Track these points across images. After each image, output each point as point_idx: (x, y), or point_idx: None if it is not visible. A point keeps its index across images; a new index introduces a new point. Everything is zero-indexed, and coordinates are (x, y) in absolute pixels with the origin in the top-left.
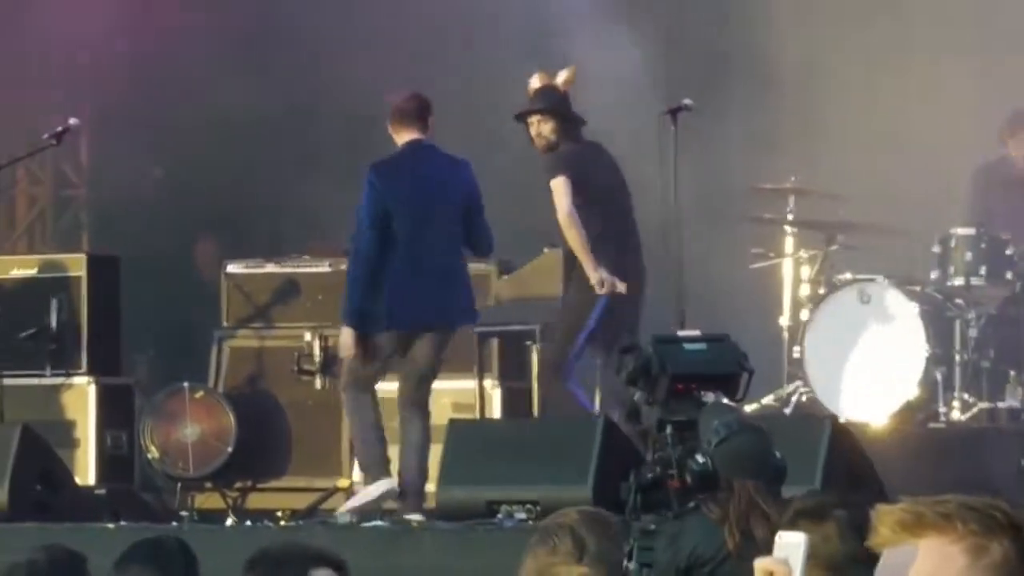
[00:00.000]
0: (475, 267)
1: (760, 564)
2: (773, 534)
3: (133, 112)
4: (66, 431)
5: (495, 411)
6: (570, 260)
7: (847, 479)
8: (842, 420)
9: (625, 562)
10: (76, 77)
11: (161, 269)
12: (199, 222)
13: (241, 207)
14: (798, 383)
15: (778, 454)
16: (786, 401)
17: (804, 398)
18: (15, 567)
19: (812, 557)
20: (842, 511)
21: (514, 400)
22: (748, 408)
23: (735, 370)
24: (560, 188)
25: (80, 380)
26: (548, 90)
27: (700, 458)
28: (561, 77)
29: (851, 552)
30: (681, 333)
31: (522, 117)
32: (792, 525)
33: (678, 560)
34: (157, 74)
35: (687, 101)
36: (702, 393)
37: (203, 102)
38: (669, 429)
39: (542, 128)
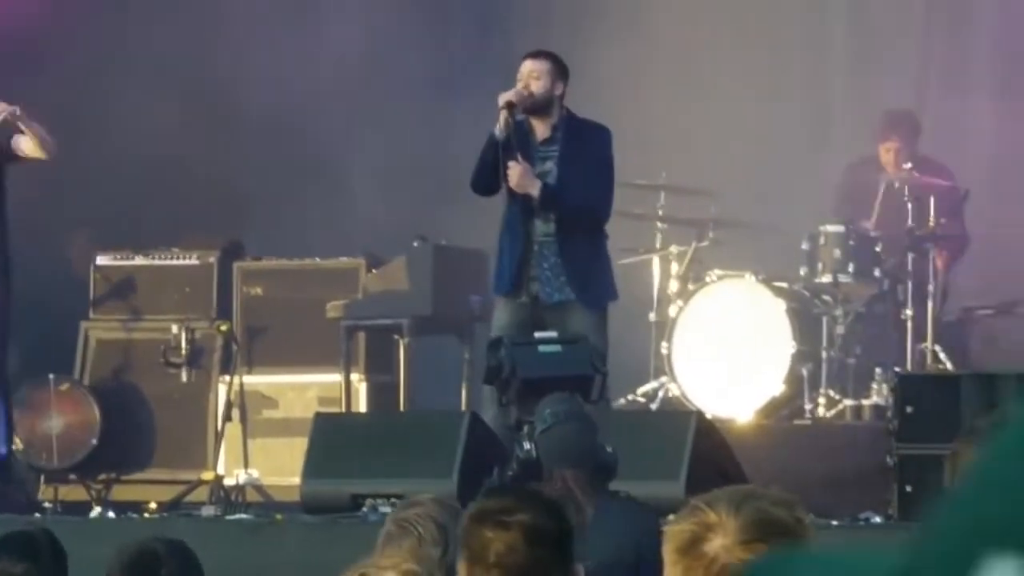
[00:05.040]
0: (344, 260)
1: None
2: (586, 526)
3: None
4: None
5: (361, 405)
6: None
7: (713, 475)
8: (708, 416)
9: None
10: None
11: (29, 259)
12: (67, 213)
13: (111, 199)
14: (665, 379)
15: (609, 448)
16: (653, 396)
17: (671, 394)
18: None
19: (497, 567)
20: (527, 515)
21: (380, 394)
22: (615, 404)
23: (588, 372)
24: None
25: None
26: None
27: (526, 445)
28: None
29: (540, 559)
30: (538, 335)
31: None
32: (475, 527)
33: None
34: (33, 59)
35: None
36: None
37: (77, 91)
38: (526, 428)
39: None
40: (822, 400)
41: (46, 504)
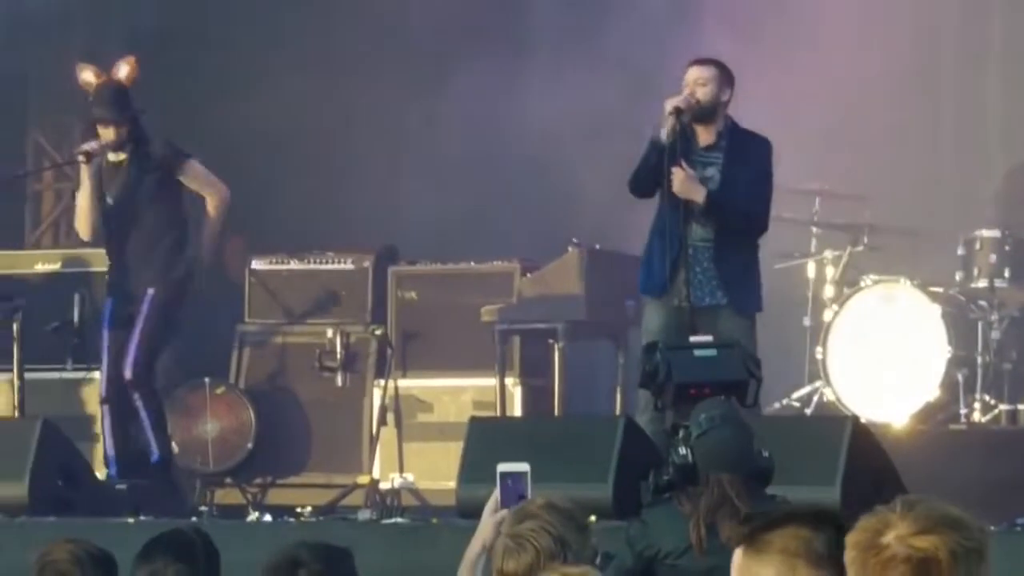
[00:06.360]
0: (498, 264)
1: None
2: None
3: (162, 108)
4: (87, 425)
5: (516, 409)
6: None
7: (868, 480)
8: (863, 420)
9: None
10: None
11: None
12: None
13: (267, 203)
14: (820, 383)
15: (765, 453)
16: (808, 401)
17: (826, 398)
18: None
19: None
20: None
21: (535, 398)
22: (769, 408)
23: (743, 377)
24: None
25: (100, 374)
26: (114, 92)
27: (682, 450)
28: (123, 72)
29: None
30: (693, 339)
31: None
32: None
33: (645, 550)
34: (185, 70)
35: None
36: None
37: (231, 100)
38: (682, 433)
39: (105, 132)
40: (978, 405)
41: (202, 508)
